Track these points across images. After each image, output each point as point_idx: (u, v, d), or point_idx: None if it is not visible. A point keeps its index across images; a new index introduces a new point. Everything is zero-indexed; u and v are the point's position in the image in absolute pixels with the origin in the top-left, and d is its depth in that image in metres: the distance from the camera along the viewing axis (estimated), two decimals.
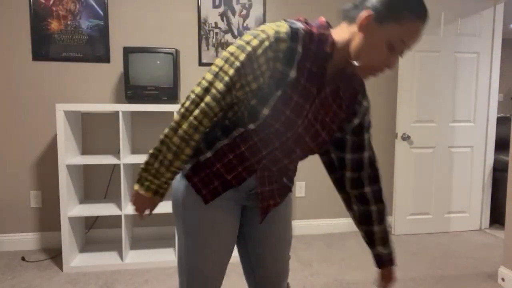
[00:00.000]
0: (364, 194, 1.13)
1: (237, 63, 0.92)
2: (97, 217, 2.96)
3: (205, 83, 0.95)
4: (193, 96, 0.95)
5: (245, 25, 3.02)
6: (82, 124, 2.89)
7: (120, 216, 2.96)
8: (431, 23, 3.13)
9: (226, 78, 0.92)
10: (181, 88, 2.99)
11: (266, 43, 0.91)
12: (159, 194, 1.04)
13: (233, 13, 3.00)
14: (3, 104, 2.79)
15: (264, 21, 3.05)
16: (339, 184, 1.16)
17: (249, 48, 0.91)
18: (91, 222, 2.97)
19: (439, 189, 3.29)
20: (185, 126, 0.96)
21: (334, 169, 1.15)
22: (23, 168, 2.85)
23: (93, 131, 2.90)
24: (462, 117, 3.28)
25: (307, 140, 1.03)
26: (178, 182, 1.11)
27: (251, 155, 1.01)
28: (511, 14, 4.92)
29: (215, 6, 2.97)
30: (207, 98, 0.93)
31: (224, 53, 0.95)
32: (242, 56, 0.92)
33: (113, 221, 2.99)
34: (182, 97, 3.00)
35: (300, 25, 0.94)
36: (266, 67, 0.92)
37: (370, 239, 1.15)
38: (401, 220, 3.25)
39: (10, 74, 2.78)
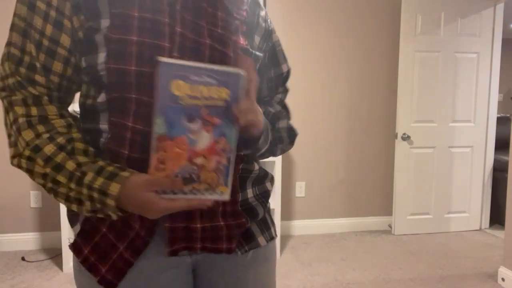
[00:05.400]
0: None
1: None
2: None
3: None
4: None
5: None
6: None
7: None
8: (431, 23, 3.13)
9: None
10: None
11: None
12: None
13: None
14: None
15: None
16: None
17: None
18: None
19: (439, 189, 3.29)
20: None
21: None
22: None
23: None
24: (462, 117, 3.28)
25: (206, 44, 0.66)
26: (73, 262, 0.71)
27: (139, 151, 0.63)
28: (511, 14, 4.92)
29: None
30: None
31: None
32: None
33: None
34: None
35: None
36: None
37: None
38: (401, 220, 3.25)
39: None
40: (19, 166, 0.61)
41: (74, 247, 0.66)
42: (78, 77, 0.66)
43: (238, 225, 0.70)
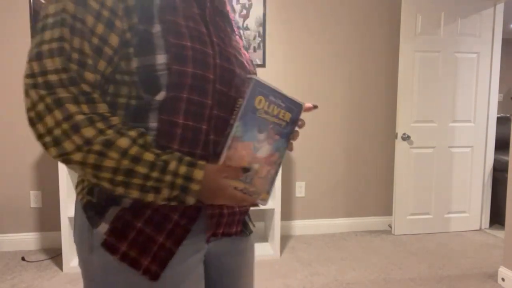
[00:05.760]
0: None
1: None
2: None
3: None
4: None
5: (245, 25, 3.02)
6: None
7: None
8: (431, 23, 3.13)
9: None
10: None
11: None
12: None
13: (233, 13, 3.00)
14: (3, 104, 2.79)
15: (264, 21, 3.05)
16: None
17: None
18: None
19: (439, 189, 3.29)
20: None
21: None
22: (23, 168, 2.85)
23: None
24: (462, 117, 3.28)
25: (237, 73, 0.76)
26: (85, 262, 0.71)
27: (192, 146, 0.70)
28: (511, 14, 4.92)
29: None
30: None
31: None
32: None
33: None
34: None
35: None
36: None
37: None
38: (401, 220, 3.25)
39: (10, 74, 2.78)
40: (74, 162, 0.60)
41: (106, 246, 0.66)
42: (112, 77, 0.68)
43: (245, 210, 0.82)
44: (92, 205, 0.68)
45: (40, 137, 0.60)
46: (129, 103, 0.68)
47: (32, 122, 0.60)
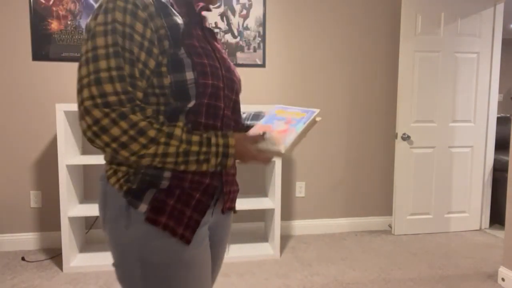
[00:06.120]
0: None
1: None
2: (97, 217, 2.96)
3: None
4: None
5: (245, 25, 3.02)
6: None
7: None
8: (431, 23, 3.13)
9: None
10: None
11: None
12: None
13: (233, 13, 3.00)
14: (3, 104, 2.79)
15: (264, 21, 3.05)
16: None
17: None
18: (91, 222, 2.97)
19: (439, 189, 3.29)
20: None
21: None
22: (23, 168, 2.85)
23: None
24: (462, 117, 3.28)
25: (235, 80, 0.99)
26: (121, 236, 0.87)
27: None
28: (511, 14, 4.92)
29: (215, 6, 2.97)
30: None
31: None
32: None
33: None
34: None
35: None
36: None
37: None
38: (401, 220, 3.25)
39: (10, 74, 2.78)
40: (148, 155, 0.79)
41: (149, 220, 0.84)
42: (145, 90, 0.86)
43: (238, 189, 1.07)
44: (132, 190, 0.85)
45: (106, 145, 0.76)
46: (158, 109, 0.86)
47: (96, 135, 0.75)
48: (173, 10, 0.86)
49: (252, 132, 0.94)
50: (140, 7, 0.79)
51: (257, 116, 1.11)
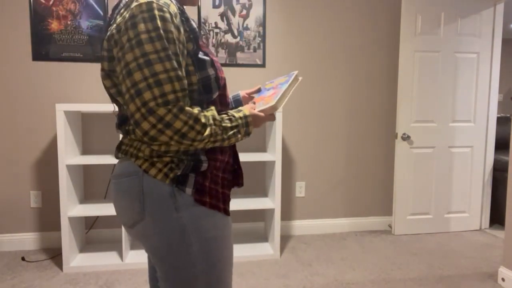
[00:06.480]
0: None
1: None
2: (97, 217, 2.96)
3: None
4: None
5: (245, 25, 3.02)
6: (82, 124, 2.89)
7: None
8: (431, 23, 3.13)
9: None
10: None
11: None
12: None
13: (233, 13, 3.00)
14: (3, 104, 2.79)
15: (264, 21, 3.05)
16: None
17: None
18: (91, 222, 2.96)
19: (439, 189, 3.29)
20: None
21: None
22: (23, 168, 2.85)
23: (93, 131, 2.90)
24: (462, 117, 3.28)
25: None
26: (170, 220, 0.96)
27: None
28: (511, 14, 4.92)
29: (215, 6, 2.97)
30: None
31: None
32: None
33: (113, 221, 2.99)
34: None
35: None
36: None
37: None
38: (401, 220, 3.25)
39: (10, 74, 2.78)
40: (206, 136, 0.91)
41: (197, 201, 0.97)
42: None
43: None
44: (178, 177, 0.95)
45: (170, 138, 0.87)
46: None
47: (160, 131, 0.85)
48: (187, 15, 0.99)
49: (250, 103, 1.16)
50: (173, 15, 0.90)
51: (237, 101, 1.31)
